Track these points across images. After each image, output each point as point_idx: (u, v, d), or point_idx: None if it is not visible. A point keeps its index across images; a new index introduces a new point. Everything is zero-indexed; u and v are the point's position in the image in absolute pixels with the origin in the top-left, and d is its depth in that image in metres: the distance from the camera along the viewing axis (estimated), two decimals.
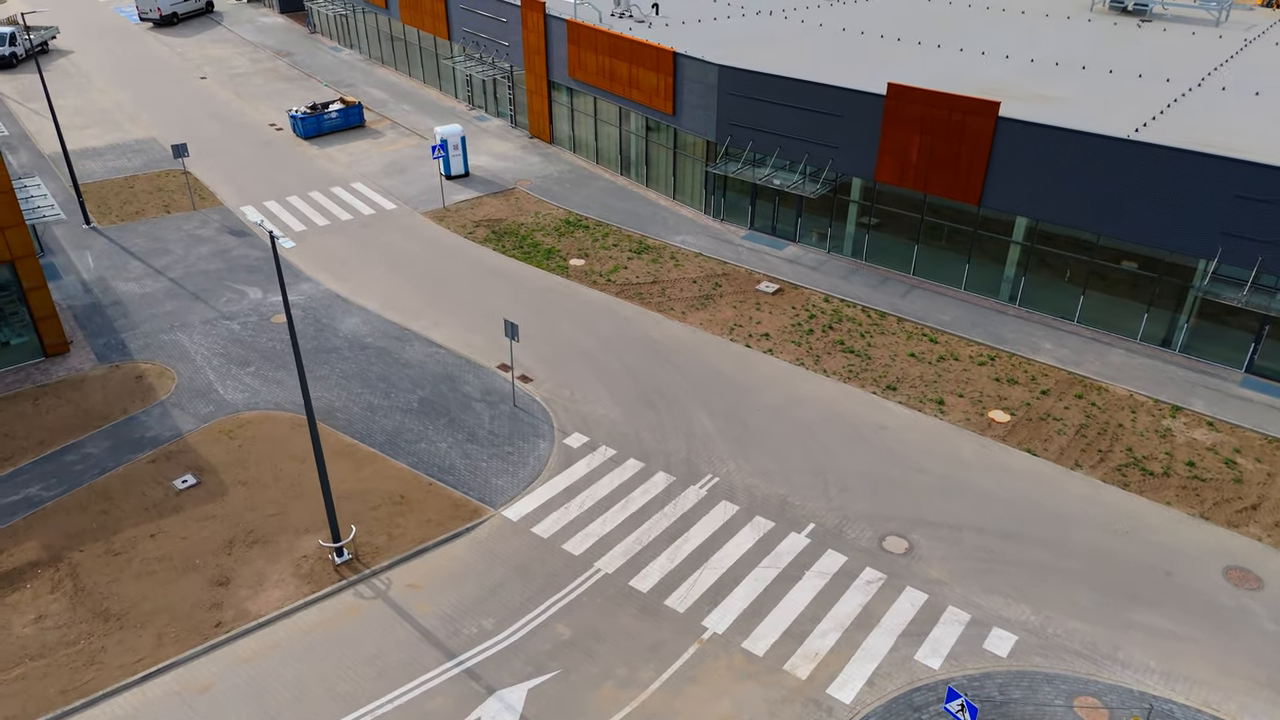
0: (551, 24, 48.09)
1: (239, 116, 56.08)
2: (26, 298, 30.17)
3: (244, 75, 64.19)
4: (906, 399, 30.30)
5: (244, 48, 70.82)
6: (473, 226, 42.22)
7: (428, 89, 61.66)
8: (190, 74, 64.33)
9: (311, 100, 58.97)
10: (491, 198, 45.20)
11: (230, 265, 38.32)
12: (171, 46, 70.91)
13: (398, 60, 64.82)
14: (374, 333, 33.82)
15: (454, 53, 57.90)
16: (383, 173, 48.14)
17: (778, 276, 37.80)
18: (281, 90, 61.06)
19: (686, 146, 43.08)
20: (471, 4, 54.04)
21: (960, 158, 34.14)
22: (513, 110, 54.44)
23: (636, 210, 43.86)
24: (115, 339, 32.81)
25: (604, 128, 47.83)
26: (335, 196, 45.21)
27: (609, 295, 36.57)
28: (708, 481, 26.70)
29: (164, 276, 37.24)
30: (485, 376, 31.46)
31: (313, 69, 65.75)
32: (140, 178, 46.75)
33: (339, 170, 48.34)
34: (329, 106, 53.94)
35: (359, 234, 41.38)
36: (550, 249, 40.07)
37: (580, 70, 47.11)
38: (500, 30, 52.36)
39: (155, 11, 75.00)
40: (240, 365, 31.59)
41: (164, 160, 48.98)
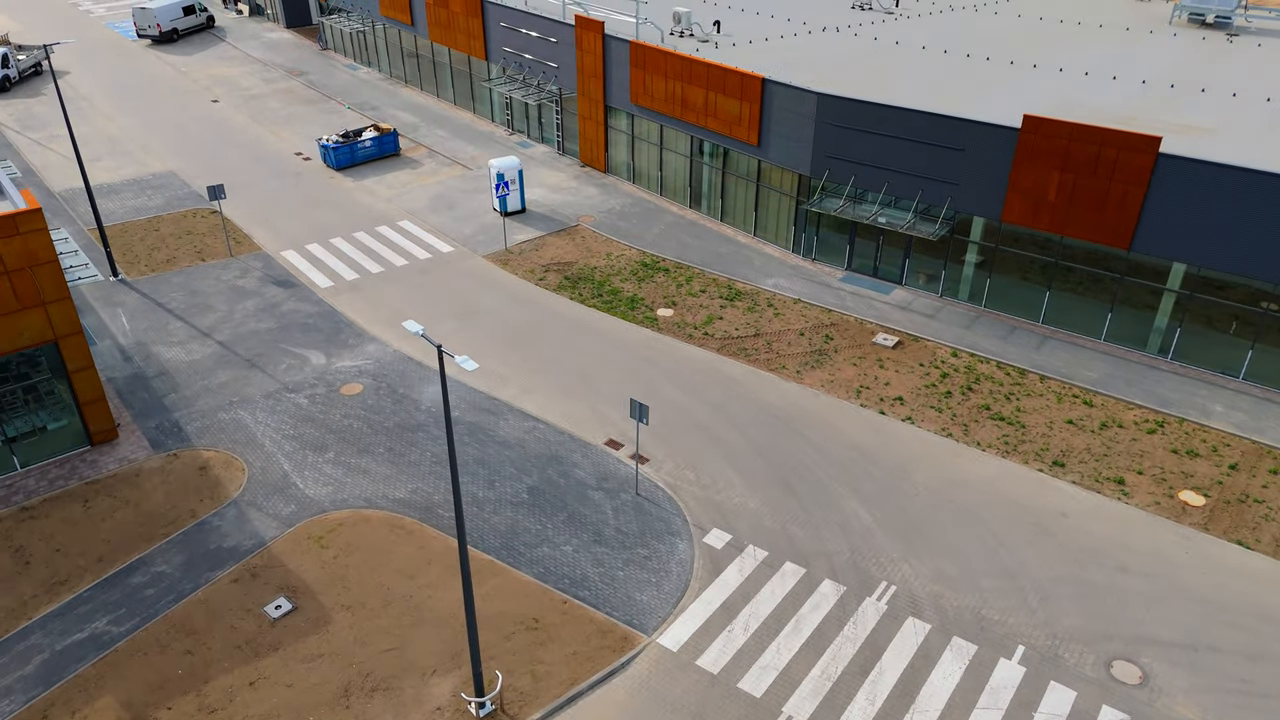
0: (612, 46, 44.27)
1: (261, 145, 51.86)
2: (71, 380, 26.00)
3: (258, 97, 59.91)
4: (1080, 478, 26.73)
5: (253, 66, 66.48)
6: (542, 271, 38.33)
7: (459, 111, 57.64)
8: (200, 96, 59.95)
9: (342, 127, 54.80)
10: (555, 237, 41.32)
11: (282, 323, 34.24)
12: (175, 66, 66.44)
13: (423, 80, 60.75)
14: (460, 403, 29.90)
15: (491, 74, 53.91)
16: (430, 208, 44.13)
17: (893, 326, 34.19)
18: (301, 114, 56.85)
19: (772, 179, 39.41)
20: (514, 23, 50.10)
21: (1109, 197, 30.64)
22: (560, 136, 50.56)
23: (716, 249, 40.14)
24: (168, 420, 28.70)
25: (671, 157, 44.07)
26: (383, 237, 41.18)
27: (709, 352, 32.82)
28: (884, 591, 23.01)
29: (211, 339, 33.10)
30: (595, 456, 27.63)
31: (331, 89, 61.55)
32: (165, 219, 42.49)
33: (381, 206, 44.29)
34: (362, 134, 49.86)
35: (419, 282, 37.40)
36: (633, 297, 36.26)
37: (645, 96, 43.32)
38: (549, 51, 48.47)
39: (154, 28, 70.49)
40: (316, 450, 27.58)
41: (188, 198, 44.75)
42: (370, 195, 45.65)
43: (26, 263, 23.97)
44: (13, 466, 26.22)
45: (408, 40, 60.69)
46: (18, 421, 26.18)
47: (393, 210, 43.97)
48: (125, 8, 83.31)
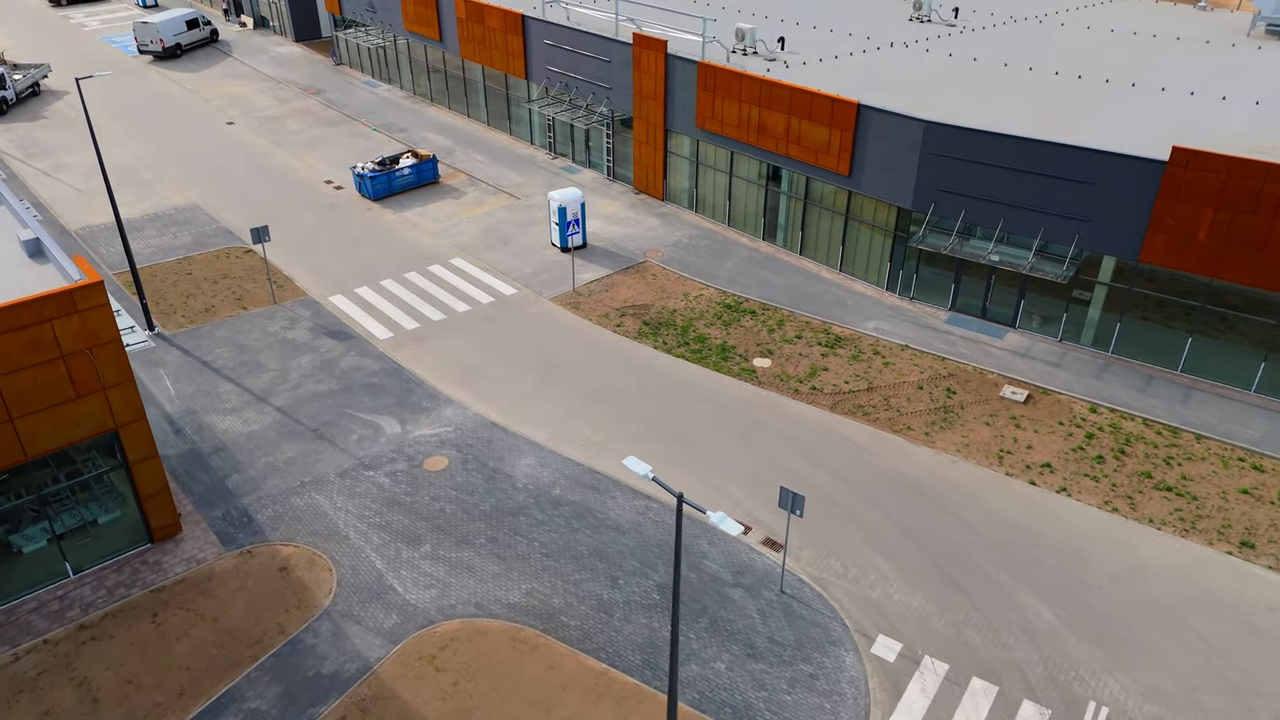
0: (676, 67, 41.01)
1: (286, 172, 48.25)
2: (132, 472, 22.46)
3: (276, 119, 56.21)
4: (1275, 562, 23.68)
5: (265, 84, 62.73)
6: (617, 316, 35.02)
7: (494, 133, 54.19)
8: (213, 118, 56.19)
9: (374, 153, 51.25)
10: (623, 275, 38.01)
11: (345, 383, 30.76)
12: (181, 84, 62.59)
13: (452, 99, 57.24)
14: (559, 479, 26.56)
15: (532, 94, 50.49)
16: (482, 244, 40.71)
17: (1018, 378, 31.11)
18: (325, 137, 53.23)
19: (863, 212, 36.29)
20: (561, 41, 46.74)
21: (1271, 237, 27.66)
22: (610, 161, 47.24)
23: (801, 287, 36.98)
24: (235, 507, 25.19)
25: (742, 186, 40.89)
26: (438, 278, 37.74)
27: (822, 410, 29.61)
28: (1096, 715, 19.84)
29: (268, 405, 29.58)
30: (724, 543, 24.38)
31: (352, 109, 57.94)
32: (196, 260, 38.84)
33: (429, 242, 40.83)
34: (399, 161, 46.34)
35: (486, 331, 34.03)
36: (723, 345, 33.03)
37: (714, 120, 40.10)
38: (600, 71, 45.16)
39: (157, 43, 66.58)
40: (410, 542, 24.16)
41: (218, 235, 41.15)
42: (415, 229, 42.16)
43: (85, 344, 20.45)
44: (64, 573, 22.69)
45: (435, 56, 57.19)
46: (65, 516, 22.64)
47: (443, 247, 40.51)
48: (121, 21, 79.29)
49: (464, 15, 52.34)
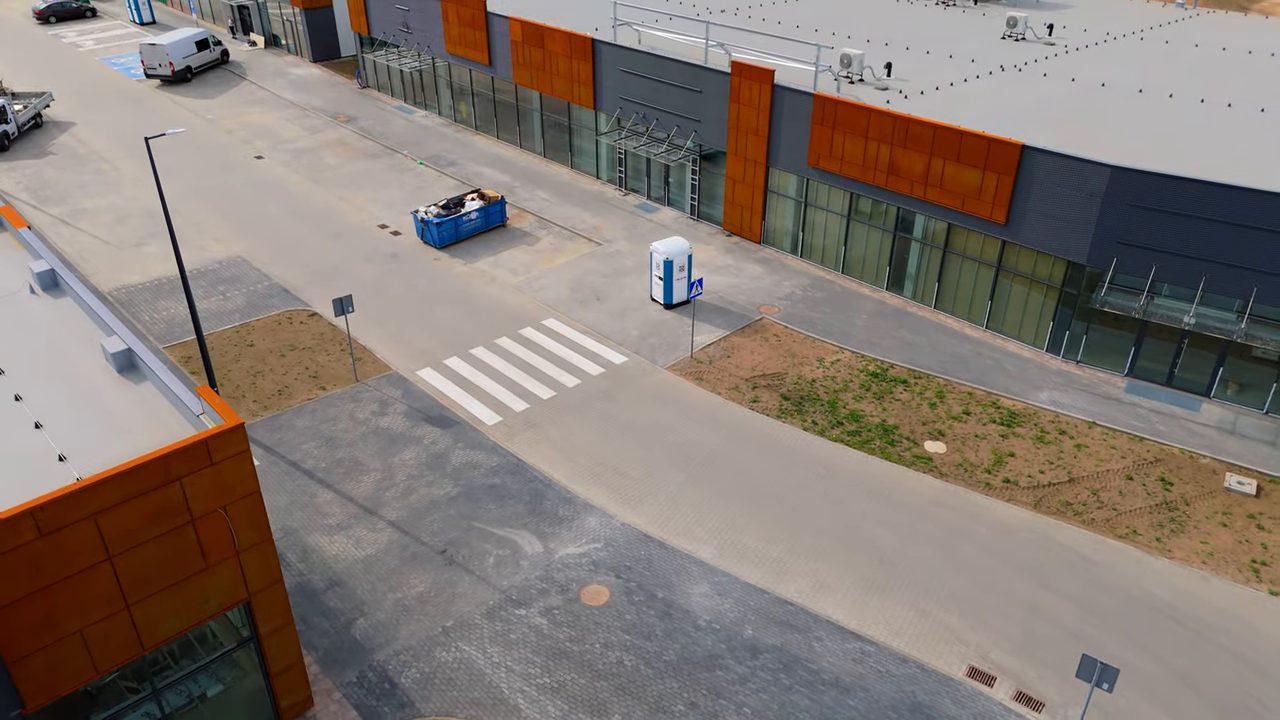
0: (784, 99, 36.68)
1: (333, 215, 43.50)
2: (262, 645, 17.75)
3: (308, 151, 51.30)
4: None
5: (289, 111, 57.72)
6: (749, 389, 30.61)
7: (552, 166, 49.62)
8: (238, 151, 51.20)
9: (425, 189, 46.51)
10: (741, 336, 33.60)
11: (463, 486, 26.15)
12: (197, 112, 57.45)
13: (501, 127, 52.57)
14: (746, 613, 22.14)
15: (602, 124, 45.97)
16: (573, 300, 36.17)
17: (1238, 462, 27.04)
18: (367, 172, 48.46)
19: (1020, 264, 32.16)
20: (639, 68, 42.32)
21: None
22: (695, 198, 42.82)
23: (948, 348, 32.80)
24: (370, 667, 20.52)
25: (862, 231, 36.68)
26: (534, 344, 33.17)
27: (1026, 510, 25.36)
28: None
29: (379, 518, 24.89)
30: (970, 702, 20.00)
31: (390, 139, 53.16)
32: (256, 327, 34.00)
33: (513, 299, 36.25)
34: (464, 204, 41.66)
35: (606, 411, 29.56)
36: (882, 424, 28.74)
37: (831, 158, 35.83)
38: (687, 102, 40.78)
39: (166, 67, 61.39)
40: (595, 713, 19.56)
41: (272, 294, 36.45)
42: (493, 283, 37.52)
43: (220, 502, 15.74)
44: None
45: (482, 82, 52.51)
46: (169, 694, 17.90)
47: (529, 305, 35.91)
48: (119, 41, 73.84)
49: (520, 39, 47.72)
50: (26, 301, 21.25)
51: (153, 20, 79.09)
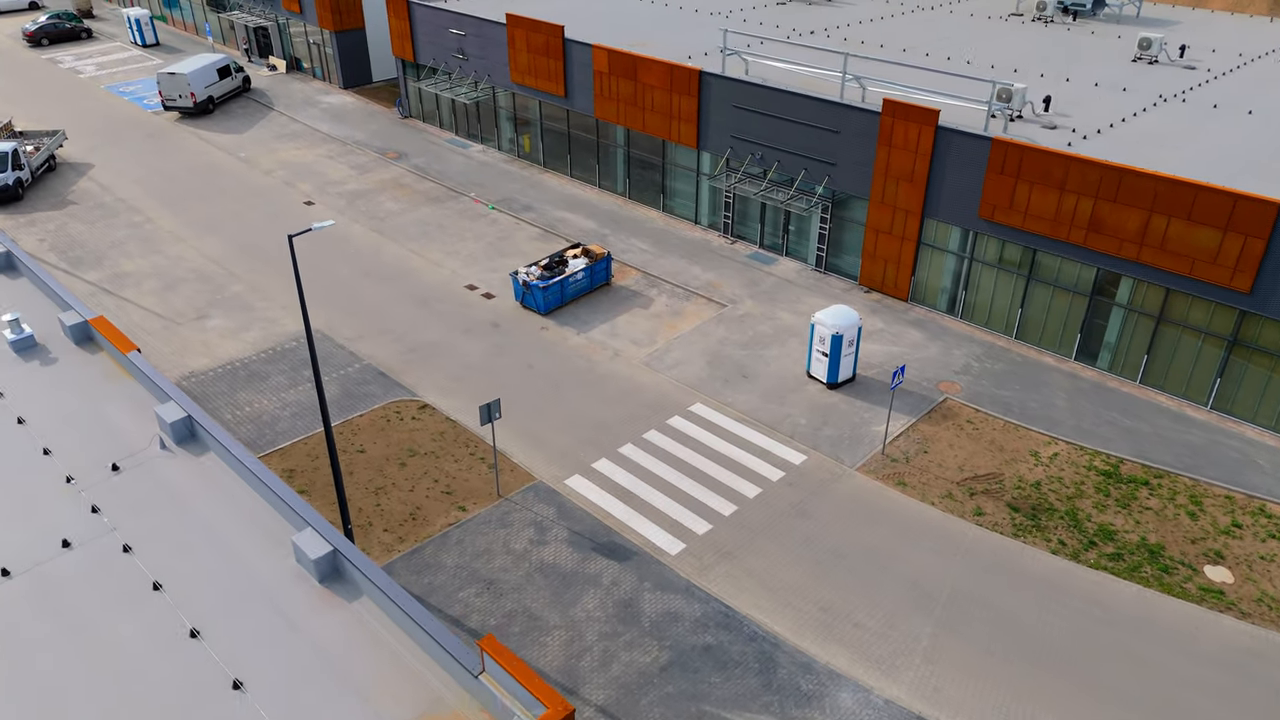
0: (951, 143, 31.90)
1: (411, 274, 38.30)
2: None
3: (363, 195, 45.89)
4: None
5: (330, 146, 52.20)
6: (964, 495, 25.73)
7: (640, 209, 44.60)
8: (283, 196, 45.71)
9: (505, 239, 41.33)
10: (930, 424, 28.72)
11: (671, 648, 21.08)
12: (226, 149, 51.77)
13: (575, 165, 47.43)
14: None
15: (705, 165, 40.97)
16: (715, 377, 31.19)
17: None
18: (435, 220, 43.24)
19: (1263, 338, 27.48)
20: (754, 103, 37.50)
21: None
22: (821, 249, 37.87)
23: (1175, 436, 28.28)
24: None
25: (1044, 293, 32.14)
26: (690, 439, 28.16)
27: None
28: None
29: (583, 699, 19.80)
30: None
31: (450, 178, 47.93)
32: (361, 425, 28.68)
33: (646, 378, 31.22)
34: (566, 261, 36.50)
35: (806, 534, 24.73)
36: (1144, 544, 24.10)
37: (1010, 211, 31.18)
38: (820, 143, 35.99)
39: (187, 98, 55.63)
40: None
41: (368, 379, 31.34)
42: (618, 358, 32.43)
43: None
44: None
45: (553, 115, 47.34)
46: None
47: (667, 386, 30.84)
48: (124, 68, 67.82)
49: (606, 69, 42.60)
50: (160, 465, 15.90)
51: (156, 42, 73.12)
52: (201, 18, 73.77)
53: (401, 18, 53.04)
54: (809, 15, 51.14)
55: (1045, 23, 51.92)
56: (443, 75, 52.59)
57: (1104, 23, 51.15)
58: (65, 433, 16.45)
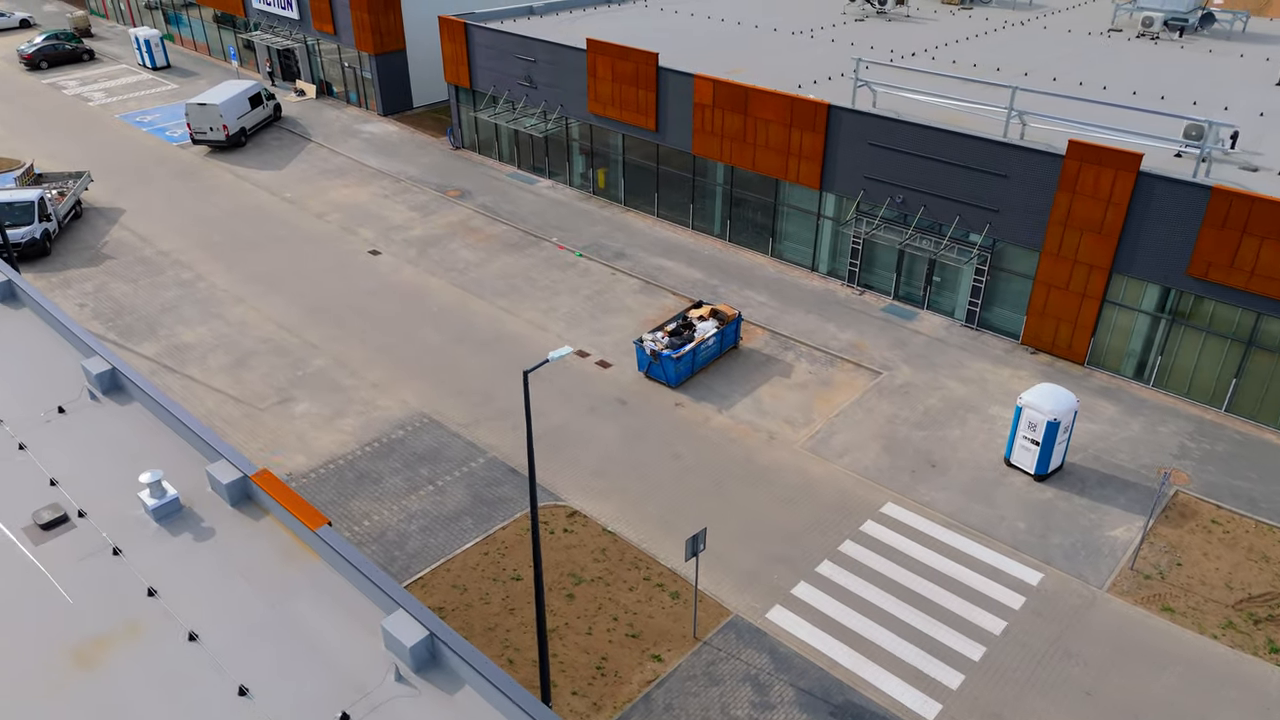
0: (1155, 192, 27.84)
1: (509, 339, 33.97)
2: None
3: (432, 241, 41.29)
4: None
5: (381, 183, 47.48)
6: (1246, 624, 21.79)
7: (746, 254, 40.38)
8: (343, 244, 41.04)
9: (605, 292, 36.88)
10: (1171, 527, 24.63)
11: None
12: (268, 188, 46.94)
13: (663, 204, 43.04)
14: None
15: (827, 207, 36.67)
16: (895, 466, 27.05)
17: None
18: (519, 270, 38.85)
19: None
20: (896, 141, 33.40)
21: None
22: (974, 303, 33.62)
23: None
24: None
25: (1266, 361, 27.91)
26: (894, 552, 24.02)
27: None
28: None
29: None
30: None
31: (524, 219, 43.53)
32: (506, 541, 24.24)
33: (817, 470, 27.00)
34: (692, 324, 32.08)
35: (1085, 683, 20.83)
36: None
37: (1231, 269, 27.40)
38: (978, 188, 32.03)
39: (219, 130, 50.63)
40: None
41: (499, 479, 27.07)
42: (774, 443, 28.10)
43: None
44: None
45: (639, 150, 42.96)
46: None
47: (846, 481, 26.57)
48: (136, 94, 62.73)
49: (709, 102, 38.22)
50: (401, 703, 11.32)
51: (166, 64, 67.93)
52: (216, 38, 68.71)
53: (457, 42, 48.40)
54: (894, 33, 47.23)
55: (1152, 39, 48.13)
56: (505, 104, 47.95)
57: (1214, 39, 47.43)
58: (259, 670, 11.86)
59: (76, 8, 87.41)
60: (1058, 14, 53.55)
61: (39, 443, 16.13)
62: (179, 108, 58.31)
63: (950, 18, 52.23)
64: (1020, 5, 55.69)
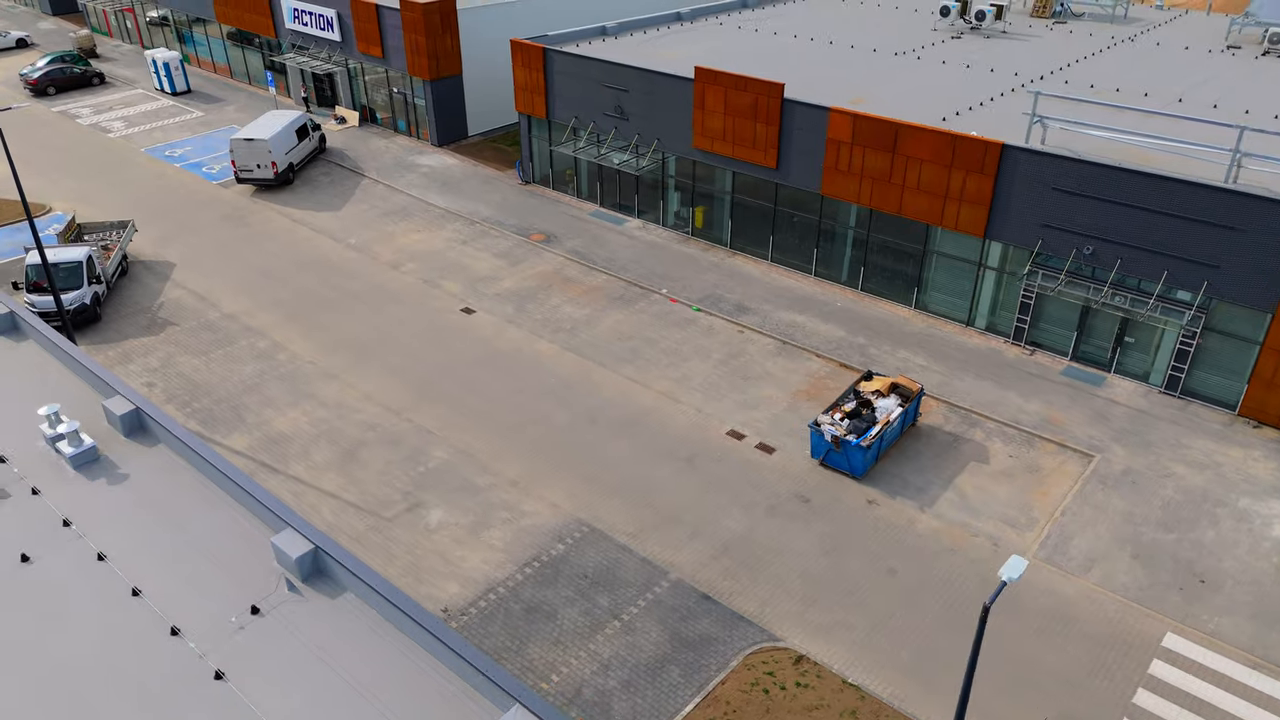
0: None
1: (647, 416, 30.00)
2: None
3: (527, 295, 36.89)
4: None
5: (454, 226, 42.97)
6: None
7: (884, 305, 36.32)
8: (427, 299, 36.71)
9: (738, 355, 32.62)
10: None
11: None
12: (327, 232, 42.32)
13: (779, 248, 38.74)
14: None
15: (990, 256, 32.46)
16: (1160, 584, 23.30)
17: None
18: (634, 329, 34.72)
19: None
20: (1080, 184, 29.59)
21: None
22: (1179, 369, 29.63)
23: None
24: None
25: None
26: (1205, 705, 19.65)
27: None
28: None
29: None
30: None
31: (623, 266, 39.37)
32: (733, 705, 20.02)
33: (1070, 591, 23.07)
34: (869, 402, 27.77)
35: None
36: None
37: None
38: (1188, 239, 28.20)
39: (268, 168, 45.84)
40: None
41: (693, 610, 23.01)
42: (999, 550, 23.80)
43: None
44: None
45: (753, 190, 38.71)
46: None
47: (1108, 606, 22.58)
48: (159, 123, 57.86)
49: (847, 138, 34.00)
50: None
51: (187, 89, 62.94)
52: (240, 60, 63.75)
53: (534, 69, 43.84)
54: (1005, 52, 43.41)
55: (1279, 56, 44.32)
56: (589, 136, 43.45)
57: None
58: None
59: (75, 25, 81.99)
60: (1156, 29, 49.70)
61: None
62: (211, 139, 53.48)
63: (1049, 33, 48.41)
64: (1106, 18, 51.83)
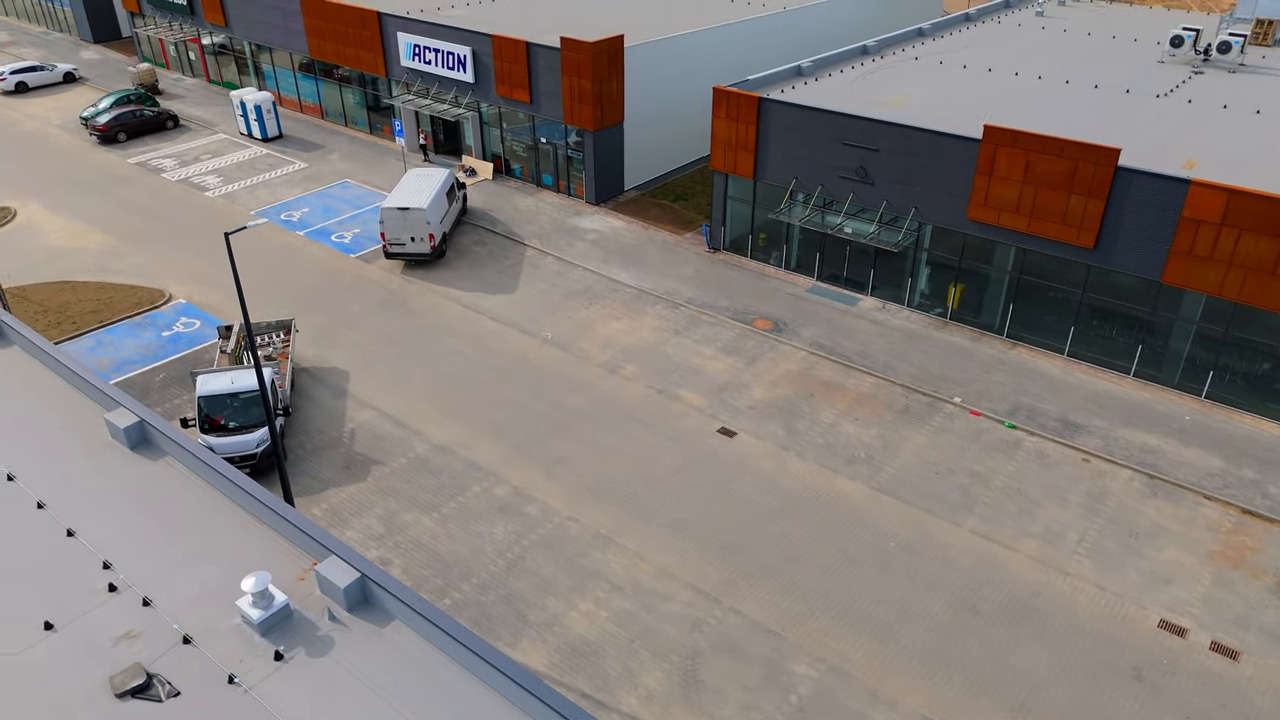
0: None
1: (1034, 599, 23.99)
2: None
3: (788, 407, 30.58)
4: None
5: (653, 309, 36.48)
6: None
7: (1245, 418, 30.36)
8: (668, 415, 30.45)
9: (1117, 503, 26.30)
10: None
11: None
12: (510, 322, 35.82)
13: (1079, 341, 32.16)
14: None
15: None
16: None
17: None
18: (946, 458, 28.67)
19: None
20: None
21: None
22: None
23: None
24: None
25: None
26: None
27: None
28: None
29: None
30: None
31: (890, 365, 33.25)
32: None
33: None
34: None
35: None
36: None
37: None
38: None
39: (425, 241, 38.97)
40: None
41: None
42: None
43: None
44: None
45: (1044, 268, 32.17)
46: None
47: None
48: (263, 181, 50.80)
49: (1214, 218, 27.41)
50: None
51: (279, 134, 55.70)
52: (335, 99, 56.49)
53: (743, 121, 37.10)
54: (1263, 90, 36.78)
55: None
56: (815, 201, 36.66)
57: None
58: None
59: (122, 54, 74.54)
60: None
61: None
62: (327, 197, 46.67)
63: None
64: None
